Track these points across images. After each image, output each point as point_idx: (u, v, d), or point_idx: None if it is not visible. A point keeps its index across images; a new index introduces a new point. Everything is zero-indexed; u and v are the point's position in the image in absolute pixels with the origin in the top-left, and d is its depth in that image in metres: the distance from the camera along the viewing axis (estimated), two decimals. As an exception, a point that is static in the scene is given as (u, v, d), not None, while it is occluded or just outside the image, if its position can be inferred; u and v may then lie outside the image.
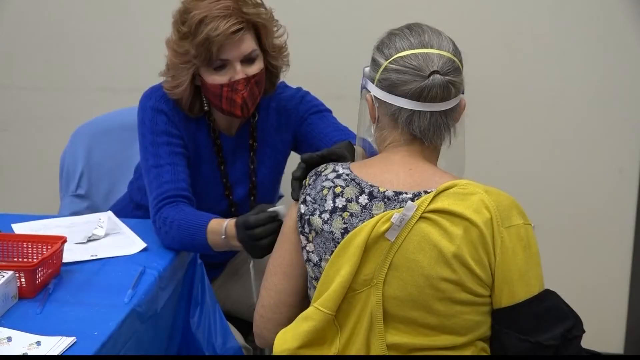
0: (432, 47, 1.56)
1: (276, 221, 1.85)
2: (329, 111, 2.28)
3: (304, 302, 1.69)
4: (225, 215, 2.21)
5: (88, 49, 2.94)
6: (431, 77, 1.54)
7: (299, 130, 2.26)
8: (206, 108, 2.17)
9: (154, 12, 2.86)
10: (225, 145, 2.23)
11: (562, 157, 2.91)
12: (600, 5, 2.77)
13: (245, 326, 2.29)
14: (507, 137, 2.88)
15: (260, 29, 2.09)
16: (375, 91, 1.59)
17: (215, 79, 2.07)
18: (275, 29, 2.14)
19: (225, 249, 1.98)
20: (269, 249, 1.80)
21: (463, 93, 1.63)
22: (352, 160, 1.76)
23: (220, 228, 1.95)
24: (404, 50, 1.57)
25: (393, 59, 1.57)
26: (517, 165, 2.90)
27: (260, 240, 1.85)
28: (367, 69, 1.64)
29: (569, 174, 2.91)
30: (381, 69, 1.58)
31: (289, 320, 1.65)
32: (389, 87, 1.57)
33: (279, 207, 1.87)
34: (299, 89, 2.30)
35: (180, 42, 2.05)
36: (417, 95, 1.55)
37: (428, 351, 1.54)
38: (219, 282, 2.40)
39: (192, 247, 2.03)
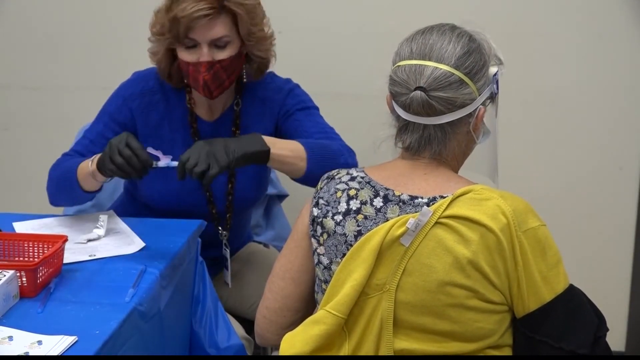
0: (430, 58, 1.54)
1: (145, 164, 1.87)
2: (316, 108, 2.27)
3: (308, 307, 1.69)
4: (203, 203, 2.25)
5: (88, 49, 2.94)
6: (412, 94, 1.53)
7: (284, 124, 2.25)
8: (185, 81, 2.20)
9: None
10: (202, 130, 2.24)
11: (562, 155, 2.91)
12: (600, 4, 2.77)
13: (245, 324, 2.29)
14: (508, 136, 2.88)
15: (237, 17, 2.09)
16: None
17: (185, 56, 2.10)
18: (256, 19, 2.13)
19: (90, 181, 2.05)
20: (115, 172, 1.89)
21: (494, 98, 1.62)
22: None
23: (90, 159, 2.03)
24: (404, 59, 1.56)
25: (394, 68, 1.57)
26: (518, 163, 2.90)
27: (117, 160, 1.87)
28: None
29: (570, 171, 2.91)
30: (389, 74, 1.59)
31: (292, 323, 1.66)
32: (391, 93, 1.59)
33: (168, 162, 1.92)
34: (288, 81, 2.29)
35: (159, 15, 2.11)
36: (403, 108, 1.55)
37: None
38: (219, 282, 2.40)
39: (64, 184, 2.12)
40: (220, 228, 2.31)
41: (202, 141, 1.91)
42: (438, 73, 1.52)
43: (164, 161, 1.92)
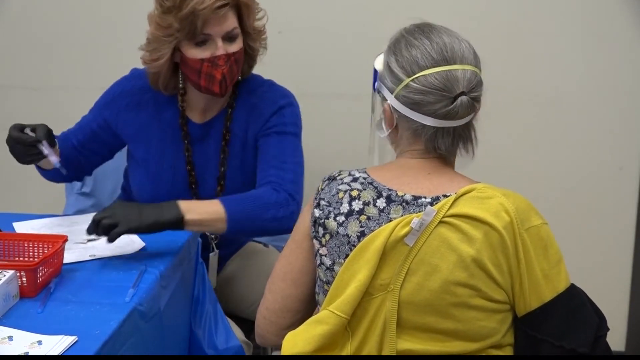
0: (455, 62, 1.52)
1: (34, 148, 2.00)
2: (294, 134, 2.23)
3: (308, 308, 1.68)
4: None
5: (88, 49, 2.94)
6: (459, 100, 1.51)
7: (259, 140, 2.23)
8: (181, 84, 2.19)
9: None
10: (192, 132, 2.24)
11: (563, 155, 2.91)
12: (600, 4, 2.77)
13: (245, 325, 2.29)
14: (508, 136, 2.88)
15: (242, 9, 2.13)
16: (395, 104, 1.56)
17: (196, 53, 2.09)
18: (256, 11, 2.18)
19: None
20: (18, 154, 2.05)
21: None
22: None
23: None
24: (427, 68, 1.52)
25: (416, 78, 1.53)
26: (518, 163, 2.90)
27: (14, 149, 2.03)
28: (380, 69, 1.60)
29: (570, 172, 2.91)
30: (402, 85, 1.54)
31: (292, 324, 1.65)
32: (412, 105, 1.54)
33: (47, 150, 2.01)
34: (285, 96, 2.26)
35: (164, 16, 2.09)
36: (444, 116, 1.53)
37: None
38: (219, 282, 2.40)
39: None
40: (207, 233, 2.30)
41: (120, 202, 2.02)
42: (468, 74, 1.53)
43: (53, 158, 2.01)
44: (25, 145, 2.00)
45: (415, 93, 1.53)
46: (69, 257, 1.93)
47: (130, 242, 2.04)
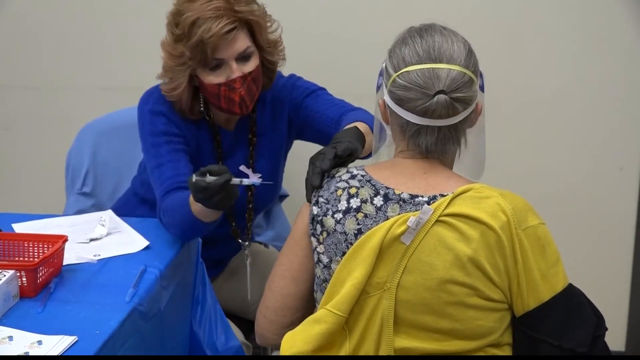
0: (441, 61, 1.53)
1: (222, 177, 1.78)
2: (322, 89, 2.28)
3: (308, 306, 1.69)
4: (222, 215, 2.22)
5: (88, 48, 2.94)
6: (435, 98, 1.51)
7: (297, 117, 2.25)
8: (202, 109, 2.17)
9: (154, 11, 2.86)
10: (224, 140, 2.24)
11: (563, 156, 2.91)
12: (601, 5, 2.77)
13: (245, 325, 2.29)
14: (508, 136, 2.88)
15: (253, 25, 2.09)
16: (386, 99, 1.58)
17: (212, 79, 2.07)
18: (268, 24, 2.15)
19: (212, 215, 1.93)
20: (225, 202, 1.82)
21: (482, 90, 1.61)
22: (362, 147, 1.78)
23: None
24: (412, 64, 1.54)
25: (400, 73, 1.54)
26: (519, 163, 2.90)
27: (212, 198, 1.79)
28: (384, 67, 1.62)
29: (571, 172, 2.91)
30: (390, 81, 1.56)
31: (292, 323, 1.66)
32: (397, 100, 1.55)
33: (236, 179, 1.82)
34: (291, 76, 2.30)
35: (175, 45, 2.06)
36: (423, 113, 1.53)
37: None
38: (220, 281, 2.40)
39: (186, 225, 1.97)
40: (240, 240, 2.31)
41: (342, 132, 1.85)
42: (454, 74, 1.52)
43: (251, 179, 1.84)
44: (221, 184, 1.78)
45: (399, 89, 1.54)
46: (72, 257, 1.93)
47: (133, 241, 2.04)
